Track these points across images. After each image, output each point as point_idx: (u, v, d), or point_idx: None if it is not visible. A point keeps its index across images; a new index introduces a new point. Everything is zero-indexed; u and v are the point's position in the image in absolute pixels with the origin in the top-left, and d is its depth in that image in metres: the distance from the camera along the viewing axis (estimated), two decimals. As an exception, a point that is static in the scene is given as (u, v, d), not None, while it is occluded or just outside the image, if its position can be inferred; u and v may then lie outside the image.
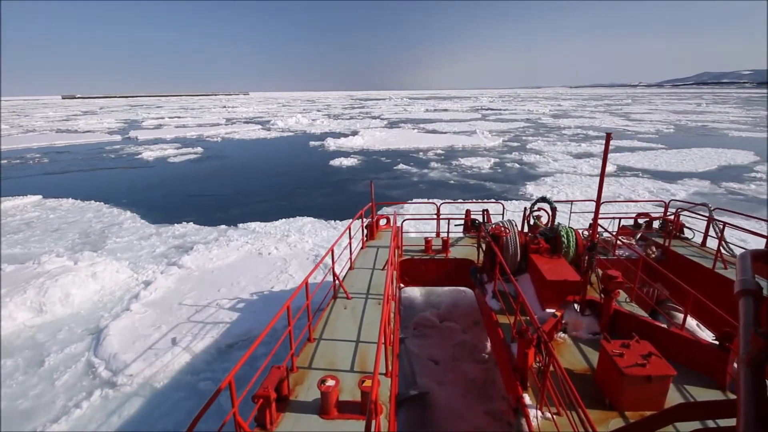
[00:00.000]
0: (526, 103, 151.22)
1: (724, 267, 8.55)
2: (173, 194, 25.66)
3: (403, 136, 51.44)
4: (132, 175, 31.83)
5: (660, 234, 10.78)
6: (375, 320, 6.57)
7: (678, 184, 25.20)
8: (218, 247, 15.60)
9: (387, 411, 4.73)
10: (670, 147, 40.56)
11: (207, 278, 13.17)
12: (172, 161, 37.29)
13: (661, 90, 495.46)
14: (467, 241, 11.00)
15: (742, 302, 1.55)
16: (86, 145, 50.51)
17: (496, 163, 33.59)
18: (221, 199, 24.25)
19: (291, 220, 19.11)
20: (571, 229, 8.50)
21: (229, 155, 41.09)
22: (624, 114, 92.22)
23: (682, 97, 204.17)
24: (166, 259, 14.86)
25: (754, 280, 1.62)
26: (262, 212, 20.97)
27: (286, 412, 4.62)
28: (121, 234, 17.76)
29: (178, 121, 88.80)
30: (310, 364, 5.55)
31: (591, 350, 6.15)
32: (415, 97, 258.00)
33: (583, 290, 6.92)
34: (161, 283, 12.69)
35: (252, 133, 61.18)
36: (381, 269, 8.71)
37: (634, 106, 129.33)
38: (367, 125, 69.72)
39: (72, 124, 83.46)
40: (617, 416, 4.87)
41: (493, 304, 7.66)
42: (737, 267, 1.76)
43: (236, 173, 31.87)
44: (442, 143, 44.37)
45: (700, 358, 5.56)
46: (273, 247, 15.43)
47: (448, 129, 61.63)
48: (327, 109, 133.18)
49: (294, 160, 37.97)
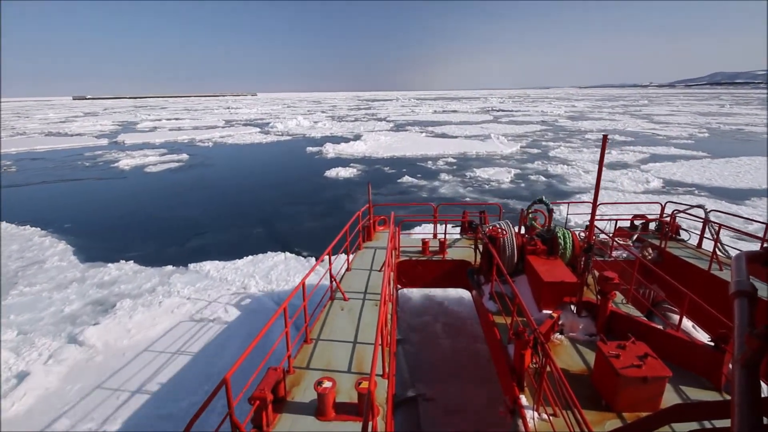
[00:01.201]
0: (537, 104, 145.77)
1: (720, 268, 8.54)
2: (130, 216, 21.28)
3: (410, 141, 46.78)
4: (96, 189, 27.65)
5: (656, 235, 10.77)
6: (372, 321, 6.57)
7: (750, 206, 20.30)
8: (147, 306, 11.20)
9: (384, 412, 4.74)
10: (714, 155, 35.45)
11: (109, 369, 8.78)
12: (149, 171, 33.09)
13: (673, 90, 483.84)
14: (464, 242, 10.86)
15: (737, 303, 1.55)
16: (68, 150, 46.68)
17: (518, 175, 28.89)
18: (185, 223, 19.87)
19: (260, 258, 14.67)
20: (568, 230, 8.43)
21: (214, 163, 36.79)
22: (645, 116, 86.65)
23: (699, 98, 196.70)
24: (71, 327, 10.50)
25: (749, 281, 1.60)
26: (228, 244, 16.59)
27: (282, 414, 4.58)
28: (35, 279, 13.45)
29: (176, 123, 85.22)
30: (307, 365, 5.49)
31: (587, 351, 6.13)
32: (423, 98, 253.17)
33: (579, 291, 6.85)
34: (36, 383, 8.31)
35: (248, 137, 56.99)
36: (378, 270, 8.65)
37: (652, 107, 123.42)
38: (371, 128, 65.22)
39: (66, 126, 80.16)
40: (613, 417, 4.85)
41: (490, 305, 7.61)
42: (732, 268, 1.74)
43: (214, 187, 27.46)
44: (454, 149, 39.70)
45: (696, 359, 5.55)
46: (221, 309, 10.98)
47: (458, 132, 56.90)
48: (332, 110, 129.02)
49: (285, 170, 33.57)
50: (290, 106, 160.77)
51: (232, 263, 14.21)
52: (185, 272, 13.75)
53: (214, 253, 15.43)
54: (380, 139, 48.06)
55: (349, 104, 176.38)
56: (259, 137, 56.07)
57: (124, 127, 79.70)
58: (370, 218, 10.89)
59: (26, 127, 79.47)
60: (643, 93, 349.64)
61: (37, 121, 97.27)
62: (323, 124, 73.38)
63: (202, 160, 38.07)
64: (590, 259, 7.01)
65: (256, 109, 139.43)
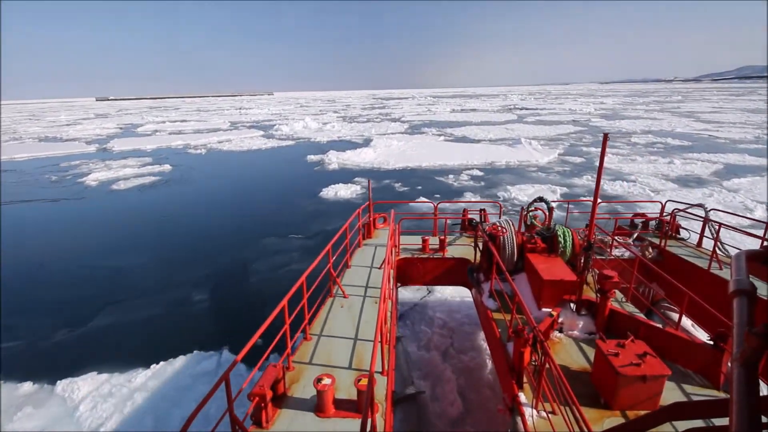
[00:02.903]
0: (562, 101, 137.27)
1: (719, 267, 8.53)
2: (36, 276, 15.59)
3: (426, 147, 40.64)
4: (31, 221, 22.19)
5: (656, 234, 10.65)
6: (372, 319, 6.53)
7: None
8: None
9: (383, 410, 4.71)
10: (807, 165, 28.40)
11: None
12: (114, 189, 27.82)
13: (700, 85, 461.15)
14: (464, 240, 10.73)
15: (737, 302, 1.55)
16: (48, 159, 42.31)
17: (566, 195, 22.56)
18: (102, 285, 13.96)
19: (184, 364, 9.01)
20: (568, 228, 8.39)
21: (194, 179, 31.10)
22: (687, 113, 78.35)
23: (733, 93, 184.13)
24: None
25: (749, 280, 1.59)
26: (145, 334, 10.98)
27: (282, 410, 4.55)
28: None
29: (180, 125, 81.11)
30: (306, 362, 5.46)
31: (587, 350, 6.13)
32: (440, 96, 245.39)
33: (579, 290, 6.83)
34: None
35: (248, 141, 51.77)
36: (378, 268, 8.56)
37: (689, 103, 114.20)
38: (384, 130, 59.35)
39: (66, 130, 76.57)
40: (612, 415, 4.87)
41: (490, 303, 7.55)
42: (732, 267, 1.74)
43: (175, 221, 21.35)
44: (478, 158, 33.48)
45: (695, 357, 5.58)
46: None
47: (481, 135, 50.50)
48: (345, 110, 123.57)
49: (274, 189, 27.76)
50: (303, 106, 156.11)
51: (131, 376, 8.60)
52: (47, 400, 8.17)
53: (114, 349, 9.87)
54: (392, 144, 42.12)
55: (363, 103, 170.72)
56: (260, 142, 50.79)
57: (125, 130, 75.84)
58: (370, 215, 10.79)
59: (27, 132, 76.35)
60: (671, 88, 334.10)
61: (44, 125, 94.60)
62: (332, 126, 67.70)
63: (182, 174, 32.59)
64: (590, 258, 6.81)
65: (267, 110, 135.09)
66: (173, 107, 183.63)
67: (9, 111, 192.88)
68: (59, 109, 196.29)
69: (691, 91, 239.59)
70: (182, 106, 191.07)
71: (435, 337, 9.96)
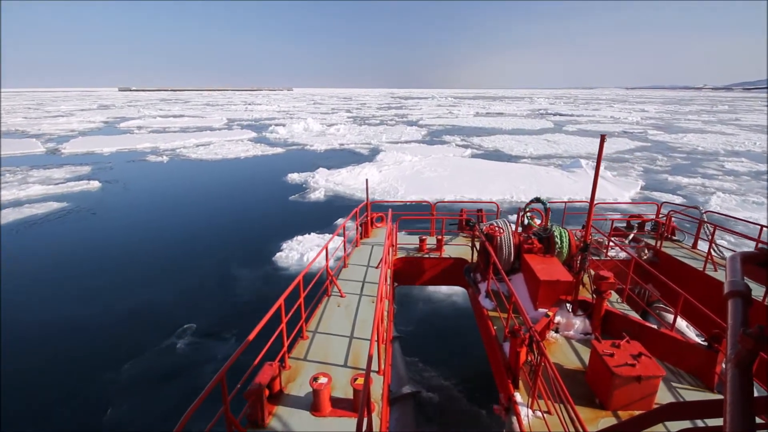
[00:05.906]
0: (596, 107, 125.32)
1: (714, 269, 8.51)
2: None
3: (450, 167, 30.48)
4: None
5: (652, 236, 10.60)
6: (368, 318, 6.48)
7: None
8: None
9: (379, 409, 4.66)
10: None
11: None
12: None
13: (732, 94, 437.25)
14: (461, 240, 10.58)
15: (731, 303, 1.54)
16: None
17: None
18: None
19: None
20: (565, 229, 8.24)
21: (119, 206, 21.91)
22: (758, 126, 66.47)
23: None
24: None
25: (744, 281, 1.59)
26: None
27: (277, 408, 4.50)
28: None
29: (172, 121, 73.24)
30: (303, 360, 5.42)
31: (582, 350, 6.07)
32: (461, 96, 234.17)
33: (575, 290, 6.77)
34: None
35: (229, 146, 42.57)
36: (375, 267, 8.44)
37: (742, 114, 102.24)
38: (397, 137, 49.50)
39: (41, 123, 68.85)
40: (607, 415, 4.85)
41: (486, 303, 7.46)
42: (727, 268, 1.72)
43: (38, 303, 12.52)
44: (526, 190, 23.41)
45: (689, 358, 5.55)
46: None
47: (519, 149, 40.25)
48: (359, 109, 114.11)
49: (211, 246, 18.19)
50: (317, 103, 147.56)
51: None
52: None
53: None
54: (404, 160, 32.19)
55: (380, 102, 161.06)
56: (242, 148, 41.44)
57: (108, 125, 67.85)
58: (368, 215, 10.51)
59: (6, 124, 68.84)
60: (705, 96, 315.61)
61: (34, 116, 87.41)
62: (337, 129, 57.93)
63: (99, 200, 23.00)
64: (586, 259, 6.72)
65: (276, 106, 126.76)
66: (184, 100, 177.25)
67: (22, 99, 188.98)
68: (71, 98, 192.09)
69: (726, 99, 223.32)
70: (193, 100, 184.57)
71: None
